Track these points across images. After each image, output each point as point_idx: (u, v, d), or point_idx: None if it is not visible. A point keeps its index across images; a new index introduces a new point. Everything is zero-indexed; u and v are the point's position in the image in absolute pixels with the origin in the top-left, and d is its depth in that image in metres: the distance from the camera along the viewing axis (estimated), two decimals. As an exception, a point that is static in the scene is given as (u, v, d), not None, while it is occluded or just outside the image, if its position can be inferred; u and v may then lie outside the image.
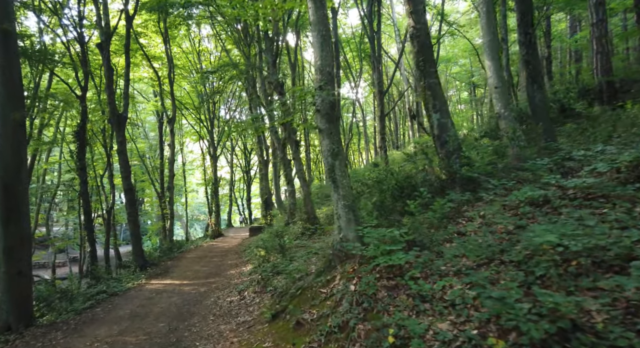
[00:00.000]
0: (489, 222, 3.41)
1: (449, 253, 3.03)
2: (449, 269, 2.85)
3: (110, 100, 11.51)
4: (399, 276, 3.01)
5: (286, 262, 6.74)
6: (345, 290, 3.45)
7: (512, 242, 2.80)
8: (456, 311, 2.34)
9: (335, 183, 4.63)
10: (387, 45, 30.12)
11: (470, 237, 3.28)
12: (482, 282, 2.36)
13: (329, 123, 4.75)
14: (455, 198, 3.95)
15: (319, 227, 9.21)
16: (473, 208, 3.94)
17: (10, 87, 5.38)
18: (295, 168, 9.82)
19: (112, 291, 8.07)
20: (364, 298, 2.96)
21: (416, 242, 3.35)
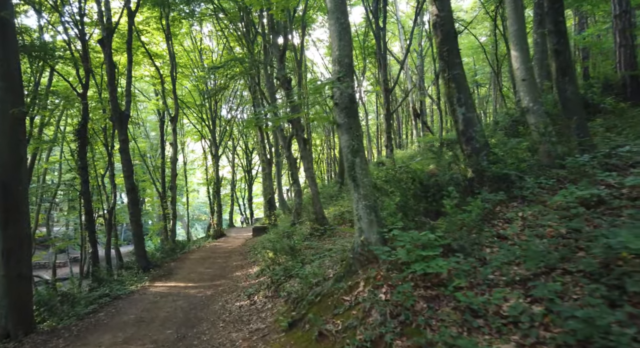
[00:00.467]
0: (532, 224, 3.11)
1: (496, 260, 2.72)
2: (498, 278, 2.55)
3: (112, 97, 11.21)
4: (439, 285, 2.71)
5: (298, 265, 6.44)
6: (373, 299, 3.15)
7: (572, 248, 2.50)
8: (521, 330, 2.03)
9: (355, 182, 4.33)
10: (390, 43, 29.77)
11: (514, 241, 2.97)
12: (548, 295, 2.05)
13: (348, 117, 4.44)
14: (489, 198, 3.65)
15: (328, 228, 8.91)
16: (508, 209, 3.64)
17: (8, 80, 5.08)
18: (304, 166, 9.51)
19: (115, 294, 7.77)
20: (400, 309, 2.66)
21: (452, 246, 3.05)
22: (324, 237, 8.61)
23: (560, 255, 2.44)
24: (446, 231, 3.21)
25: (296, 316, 4.22)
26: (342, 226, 9.65)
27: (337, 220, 10.26)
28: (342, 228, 9.20)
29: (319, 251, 7.14)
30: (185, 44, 22.33)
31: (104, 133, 16.61)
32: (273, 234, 12.61)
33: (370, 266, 4.12)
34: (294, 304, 4.70)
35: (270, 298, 5.81)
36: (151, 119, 30.78)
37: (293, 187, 12.73)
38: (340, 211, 11.20)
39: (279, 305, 5.30)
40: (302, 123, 9.16)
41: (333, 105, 4.57)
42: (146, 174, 24.03)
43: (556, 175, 3.84)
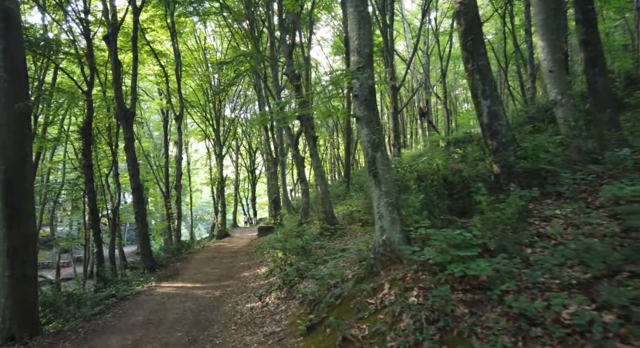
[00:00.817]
0: (576, 222, 2.89)
1: (545, 262, 2.50)
2: (550, 282, 2.33)
3: (117, 94, 11.04)
4: (480, 289, 2.49)
5: (311, 265, 6.23)
6: (403, 303, 2.93)
7: (633, 248, 2.27)
8: (591, 342, 1.81)
9: (376, 178, 4.11)
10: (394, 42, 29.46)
11: (558, 240, 2.75)
12: (620, 301, 1.83)
13: (368, 110, 4.23)
14: (522, 194, 3.42)
15: (338, 228, 8.70)
16: (543, 206, 3.42)
17: (13, 73, 4.90)
18: (313, 164, 9.30)
19: (122, 295, 7.59)
20: (438, 315, 2.44)
21: (489, 246, 2.83)
22: (334, 237, 8.40)
23: (623, 256, 2.22)
24: (482, 229, 2.98)
25: (315, 319, 4.00)
26: (352, 225, 9.44)
27: (347, 219, 10.04)
28: (353, 228, 8.99)
29: (331, 251, 6.93)
30: (189, 43, 22.21)
31: (108, 132, 16.48)
32: (280, 234, 12.40)
33: (393, 267, 3.90)
34: (310, 307, 4.49)
35: (284, 299, 5.60)
36: (154, 119, 30.70)
37: (300, 186, 12.52)
38: (349, 210, 10.98)
39: (293, 307, 5.09)
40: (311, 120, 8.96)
41: (352, 98, 4.36)
42: (149, 173, 23.92)
43: (591, 170, 3.61)
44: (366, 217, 9.13)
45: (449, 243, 2.74)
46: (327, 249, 7.25)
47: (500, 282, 2.44)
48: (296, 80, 9.17)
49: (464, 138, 20.34)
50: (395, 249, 3.96)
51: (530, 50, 12.58)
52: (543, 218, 3.23)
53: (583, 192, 3.34)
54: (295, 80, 9.11)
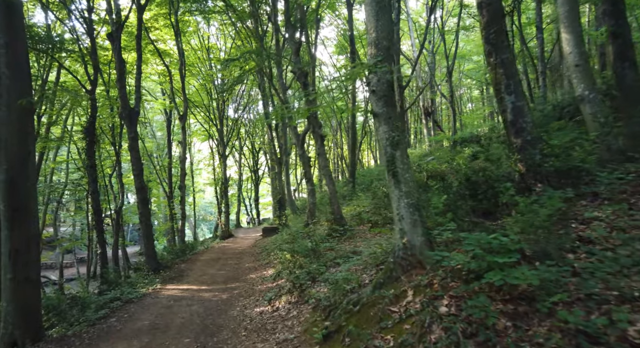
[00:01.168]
0: (621, 226, 2.67)
1: (598, 270, 2.28)
2: (606, 293, 2.11)
3: (121, 93, 10.88)
4: (524, 299, 2.27)
5: (322, 268, 6.02)
6: (432, 313, 2.71)
7: None
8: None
9: (396, 178, 3.90)
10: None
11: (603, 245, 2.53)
12: None
13: (386, 106, 4.02)
14: (555, 195, 3.20)
15: (348, 229, 8.48)
16: (578, 208, 3.20)
17: (15, 69, 4.72)
18: (320, 164, 9.08)
19: (127, 298, 7.40)
20: (477, 328, 2.23)
21: (525, 251, 2.61)
22: (343, 239, 8.19)
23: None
24: (519, 233, 2.76)
25: (331, 327, 3.79)
26: (361, 227, 9.22)
27: (355, 220, 9.83)
28: (362, 229, 8.77)
29: (341, 253, 6.72)
30: (193, 43, 22.08)
31: (111, 132, 16.34)
32: (286, 235, 12.20)
33: (415, 272, 3.69)
34: (325, 313, 4.28)
35: (295, 304, 5.39)
36: (157, 119, 30.61)
37: (306, 186, 12.30)
38: (357, 211, 10.76)
39: (305, 312, 4.88)
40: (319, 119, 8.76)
41: (369, 93, 4.15)
42: (152, 174, 23.80)
43: (629, 169, 3.38)
44: (375, 217, 8.91)
45: (483, 248, 2.53)
46: (337, 251, 7.04)
47: (546, 292, 2.22)
48: (304, 77, 8.97)
49: (470, 137, 20.09)
50: (416, 253, 3.75)
51: (541, 47, 12.32)
52: (581, 221, 3.01)
53: (623, 192, 3.12)
54: (302, 78, 8.91)
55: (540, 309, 2.15)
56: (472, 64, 33.46)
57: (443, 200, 3.87)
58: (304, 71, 8.99)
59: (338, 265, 6.22)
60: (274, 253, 10.99)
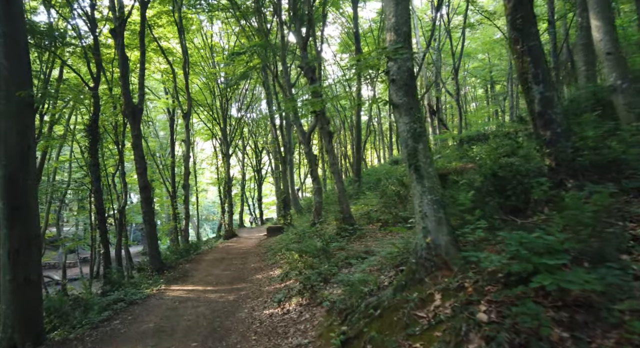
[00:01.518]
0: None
1: None
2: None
3: (124, 90, 10.68)
4: (579, 306, 2.01)
5: (333, 269, 5.77)
6: (468, 320, 2.46)
7: None
8: None
9: (418, 173, 3.64)
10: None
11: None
12: None
13: (407, 96, 3.77)
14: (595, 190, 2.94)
15: (357, 228, 8.23)
16: (622, 205, 2.94)
17: (14, 59, 4.50)
18: (330, 161, 8.83)
19: (131, 299, 7.18)
20: (527, 338, 1.97)
21: (570, 251, 2.35)
22: (353, 238, 7.94)
23: None
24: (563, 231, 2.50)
25: (350, 332, 3.54)
26: (371, 226, 8.97)
27: (364, 219, 9.58)
28: (372, 229, 8.52)
29: (352, 254, 6.46)
30: (196, 41, 21.91)
31: (114, 130, 16.15)
32: (292, 234, 11.97)
33: (440, 274, 3.43)
34: (341, 317, 4.03)
35: (306, 306, 5.15)
36: (160, 118, 30.48)
37: (313, 184, 12.06)
38: (365, 210, 10.52)
39: (319, 315, 4.63)
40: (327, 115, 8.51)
41: (389, 83, 3.90)
42: (155, 173, 23.64)
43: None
44: (385, 216, 8.66)
45: (527, 249, 2.27)
46: (348, 251, 6.79)
47: (608, 298, 1.96)
48: (311, 72, 8.73)
49: (477, 136, 19.80)
50: (441, 253, 3.49)
51: (553, 42, 12.01)
52: (630, 218, 2.76)
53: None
54: (310, 73, 8.67)
55: (605, 318, 1.89)
56: (476, 62, 33.13)
57: (470, 196, 3.61)
58: (311, 66, 8.75)
59: (350, 265, 5.98)
60: (280, 254, 10.76)
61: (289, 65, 11.51)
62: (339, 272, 5.65)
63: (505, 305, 2.29)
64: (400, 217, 8.06)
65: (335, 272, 5.62)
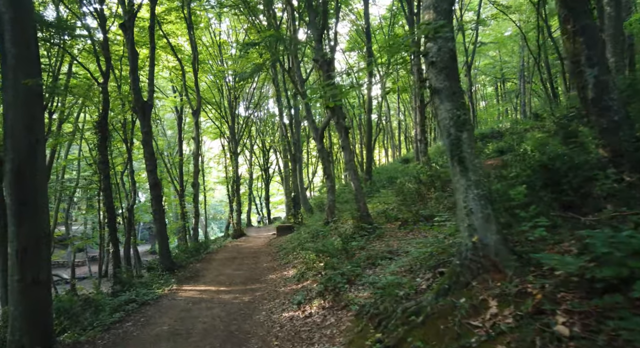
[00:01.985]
0: None
1: None
2: None
3: (134, 86, 10.45)
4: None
5: (357, 269, 5.43)
6: (541, 332, 2.10)
7: None
8: None
9: (462, 165, 3.29)
10: (414, 34, 28.41)
11: None
12: None
13: (449, 79, 3.41)
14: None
15: (376, 227, 7.88)
16: None
17: (22, 47, 4.24)
18: (345, 158, 8.49)
19: (143, 299, 6.92)
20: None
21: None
22: (372, 238, 7.57)
23: None
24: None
25: (388, 341, 3.20)
26: (389, 225, 8.60)
27: (381, 218, 9.21)
28: (391, 228, 8.15)
29: (375, 253, 6.11)
30: (204, 39, 21.73)
31: (123, 128, 15.98)
32: (305, 233, 11.67)
33: (489, 277, 3.08)
34: (374, 322, 3.69)
35: (330, 309, 4.81)
36: (168, 117, 30.43)
37: (326, 182, 11.73)
38: (381, 208, 10.15)
39: (346, 320, 4.30)
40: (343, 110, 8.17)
41: (427, 65, 3.55)
42: (163, 173, 23.52)
43: None
44: (405, 215, 8.29)
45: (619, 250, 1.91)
46: (369, 251, 6.44)
47: None
48: (326, 66, 8.38)
49: (491, 133, 19.25)
50: (490, 254, 3.13)
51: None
52: None
53: None
54: (325, 66, 8.33)
55: None
56: (487, 59, 32.49)
57: (523, 190, 3.25)
58: (327, 59, 8.40)
59: (373, 266, 5.64)
60: (293, 253, 10.46)
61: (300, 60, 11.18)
62: (362, 273, 5.31)
63: (592, 317, 1.94)
64: (421, 215, 7.70)
65: (358, 273, 5.29)
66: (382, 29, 24.68)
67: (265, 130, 32.96)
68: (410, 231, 7.42)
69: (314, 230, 11.25)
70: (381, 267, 5.38)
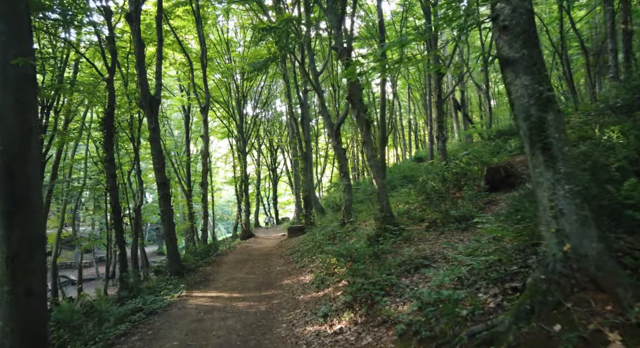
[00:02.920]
0: None
1: None
2: None
3: (141, 79, 9.93)
4: None
5: (391, 278, 4.77)
6: None
7: None
8: None
9: (548, 153, 2.62)
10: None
11: None
12: None
13: (527, 47, 2.75)
14: None
15: (403, 229, 7.21)
16: None
17: (11, 22, 3.68)
18: (367, 154, 7.83)
19: (150, 308, 6.35)
20: None
21: None
22: (398, 241, 6.90)
23: None
24: None
25: (456, 375, 2.54)
26: (415, 227, 7.93)
27: (404, 218, 8.54)
28: (418, 229, 7.47)
29: (406, 259, 5.44)
30: (211, 37, 21.27)
31: (130, 127, 15.51)
32: (320, 235, 11.03)
33: (589, 297, 2.41)
34: (422, 345, 3.03)
35: (364, 325, 4.17)
36: (175, 117, 30.09)
37: (342, 181, 11.09)
38: (403, 209, 9.47)
39: (387, 340, 3.64)
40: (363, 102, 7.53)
41: (497, 31, 2.89)
42: (170, 172, 23.10)
43: None
44: (432, 215, 7.61)
45: None
46: (399, 256, 5.78)
47: None
48: (347, 54, 7.74)
49: (509, 130, 18.39)
50: (589, 267, 2.47)
51: (610, 21, 10.65)
52: None
53: None
54: (345, 55, 7.69)
55: None
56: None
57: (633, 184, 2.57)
58: (347, 47, 7.76)
59: (409, 273, 4.97)
60: (308, 256, 9.84)
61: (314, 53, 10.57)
62: (398, 282, 4.65)
63: None
64: (452, 216, 7.01)
65: (394, 282, 4.63)
66: (394, 24, 23.97)
67: (272, 129, 32.49)
68: (440, 233, 6.74)
69: (329, 232, 10.61)
70: (419, 275, 4.71)
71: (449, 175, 9.56)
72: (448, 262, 4.73)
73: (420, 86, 31.92)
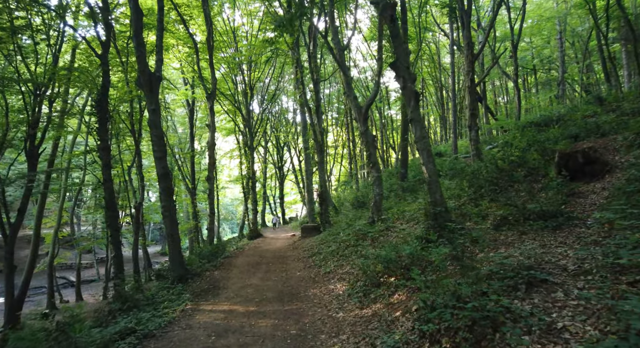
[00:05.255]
0: None
1: None
2: None
3: (139, 53, 8.47)
4: None
5: (499, 299, 3.23)
6: None
7: None
8: None
9: None
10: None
11: None
12: None
13: None
14: None
15: (461, 228, 5.65)
16: None
17: None
18: (416, 134, 6.26)
19: (145, 329, 4.85)
20: None
21: None
22: (464, 242, 5.35)
23: None
24: None
25: None
26: (469, 223, 6.37)
27: (455, 215, 6.98)
28: (481, 228, 5.91)
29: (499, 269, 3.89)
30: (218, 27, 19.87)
31: (130, 119, 14.06)
32: (344, 235, 9.51)
33: None
34: None
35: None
36: (179, 113, 28.78)
37: (371, 172, 9.56)
38: (451, 205, 7.90)
39: None
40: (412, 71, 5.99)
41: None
42: (174, 169, 21.69)
43: None
44: (500, 211, 6.05)
45: None
46: (481, 264, 4.23)
47: None
48: (390, 10, 6.23)
49: (543, 121, 16.65)
50: None
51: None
52: None
53: None
54: (389, 11, 6.17)
55: None
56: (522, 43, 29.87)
57: None
58: (390, 2, 6.24)
59: (518, 291, 3.42)
60: (334, 259, 8.32)
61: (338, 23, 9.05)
62: (510, 306, 3.10)
63: None
64: (532, 211, 5.46)
65: (505, 305, 3.08)
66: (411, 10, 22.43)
67: (279, 126, 31.11)
68: (522, 234, 5.19)
69: (357, 231, 9.10)
70: (540, 296, 3.17)
71: (504, 164, 7.99)
72: (575, 277, 3.19)
73: (435, 80, 30.35)
